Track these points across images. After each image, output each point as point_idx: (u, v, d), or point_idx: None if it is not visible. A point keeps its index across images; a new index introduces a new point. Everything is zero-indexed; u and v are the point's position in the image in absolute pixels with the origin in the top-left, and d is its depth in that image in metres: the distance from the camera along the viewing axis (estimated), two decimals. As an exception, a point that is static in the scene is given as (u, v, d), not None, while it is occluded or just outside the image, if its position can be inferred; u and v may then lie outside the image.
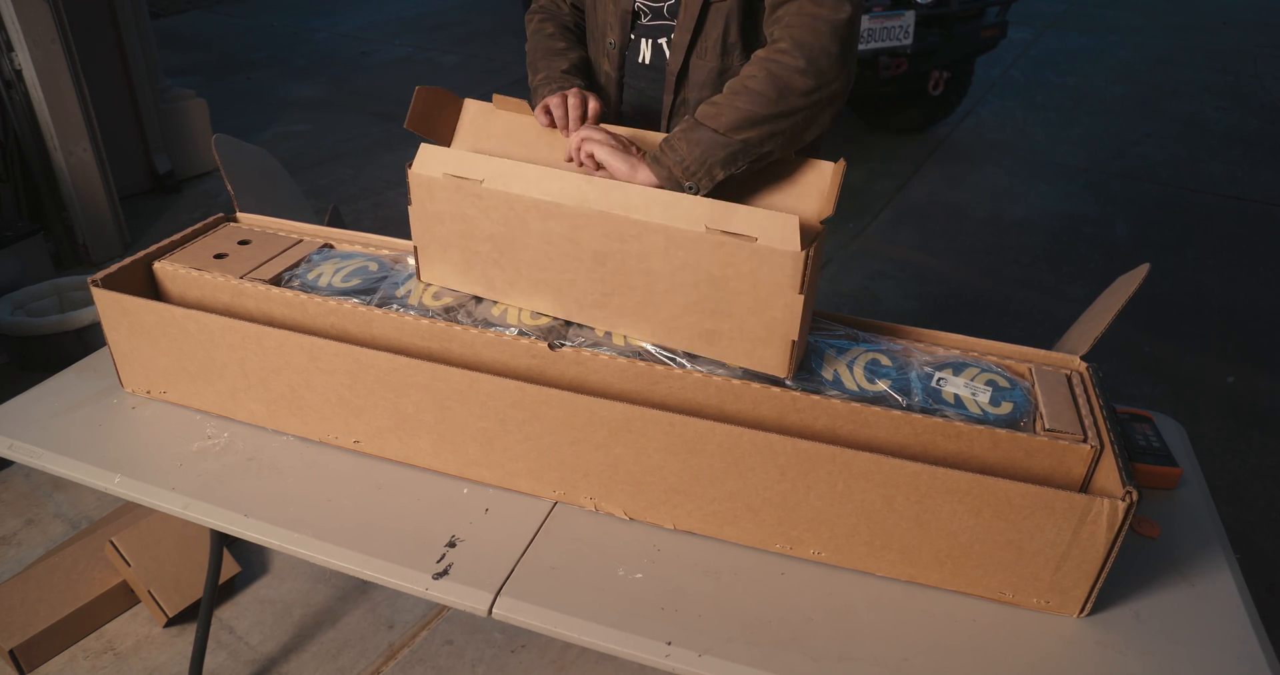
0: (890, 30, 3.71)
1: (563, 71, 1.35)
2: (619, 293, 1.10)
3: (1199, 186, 4.20)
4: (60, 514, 2.14)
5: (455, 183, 1.13)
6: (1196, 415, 2.60)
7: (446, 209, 1.15)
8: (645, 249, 1.05)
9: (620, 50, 1.37)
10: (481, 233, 1.14)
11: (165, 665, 1.78)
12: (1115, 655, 0.93)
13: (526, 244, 1.12)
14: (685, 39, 1.29)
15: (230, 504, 1.11)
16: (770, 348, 1.04)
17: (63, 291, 2.76)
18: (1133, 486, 0.88)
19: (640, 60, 1.37)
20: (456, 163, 1.13)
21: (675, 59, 1.31)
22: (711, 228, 1.00)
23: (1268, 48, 6.51)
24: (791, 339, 1.02)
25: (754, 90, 1.11)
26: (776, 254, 0.98)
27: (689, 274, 1.04)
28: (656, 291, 1.07)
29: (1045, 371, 1.10)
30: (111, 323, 1.24)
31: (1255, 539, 2.16)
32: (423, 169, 1.14)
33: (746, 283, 1.01)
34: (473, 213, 1.14)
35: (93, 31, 3.38)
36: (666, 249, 1.03)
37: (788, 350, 1.03)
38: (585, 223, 1.07)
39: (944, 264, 3.51)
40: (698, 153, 1.11)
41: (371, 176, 4.15)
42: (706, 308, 1.05)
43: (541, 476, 1.11)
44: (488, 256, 1.16)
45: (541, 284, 1.14)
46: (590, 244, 1.08)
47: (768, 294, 1.01)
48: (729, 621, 0.95)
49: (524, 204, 1.09)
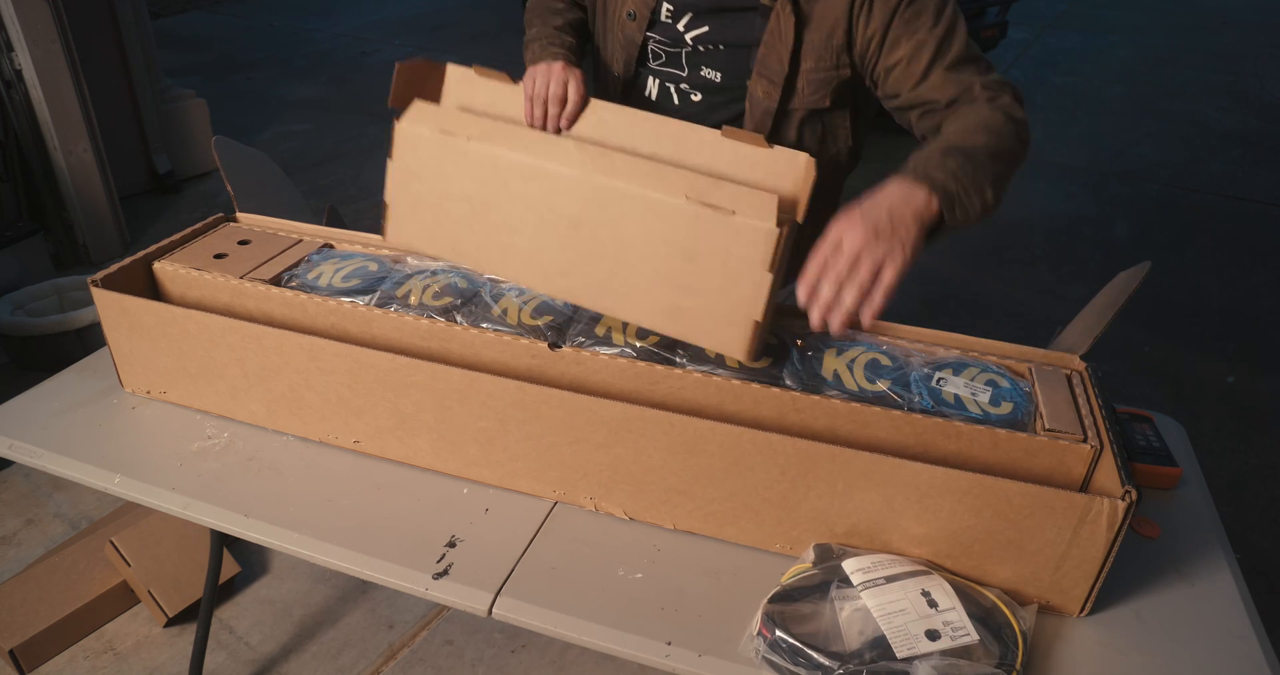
0: (890, 30, 3.71)
1: (555, 28, 1.29)
2: (589, 262, 1.07)
3: (1199, 186, 4.20)
4: (60, 514, 2.14)
5: (441, 139, 1.11)
6: (1196, 415, 2.60)
7: (427, 166, 1.13)
8: (622, 216, 1.03)
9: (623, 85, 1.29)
10: (458, 192, 1.12)
11: (165, 665, 1.78)
12: (1115, 655, 0.93)
13: (502, 206, 1.10)
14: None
15: (230, 504, 1.11)
16: (734, 328, 1.02)
17: (63, 291, 2.76)
18: (1132, 486, 0.88)
19: (648, 96, 1.29)
20: (447, 119, 1.11)
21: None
22: (691, 198, 0.99)
23: (1268, 48, 6.51)
24: (755, 319, 1.00)
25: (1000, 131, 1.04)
26: (751, 229, 0.96)
27: (662, 246, 1.02)
28: (627, 262, 1.05)
29: (1045, 371, 1.10)
30: (111, 323, 1.24)
31: (1255, 539, 2.16)
32: (411, 124, 1.13)
33: (718, 258, 1.00)
34: (453, 170, 1.11)
35: (93, 31, 3.38)
36: (643, 218, 1.02)
37: (751, 331, 1.01)
38: (565, 187, 1.05)
39: (944, 264, 3.51)
40: (970, 170, 1.00)
41: (371, 176, 4.15)
42: (676, 282, 1.03)
43: (541, 476, 1.11)
44: (460, 218, 1.13)
45: (511, 249, 1.12)
46: (567, 209, 1.06)
47: (737, 271, 0.99)
48: (729, 621, 0.95)
49: (507, 164, 1.08)
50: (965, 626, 0.88)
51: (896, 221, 0.94)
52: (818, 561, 0.98)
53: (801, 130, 1.20)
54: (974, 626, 0.88)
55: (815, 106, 1.18)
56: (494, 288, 1.24)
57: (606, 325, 1.15)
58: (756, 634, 0.91)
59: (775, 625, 0.89)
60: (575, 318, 1.17)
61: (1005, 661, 0.86)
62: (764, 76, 1.17)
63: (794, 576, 0.96)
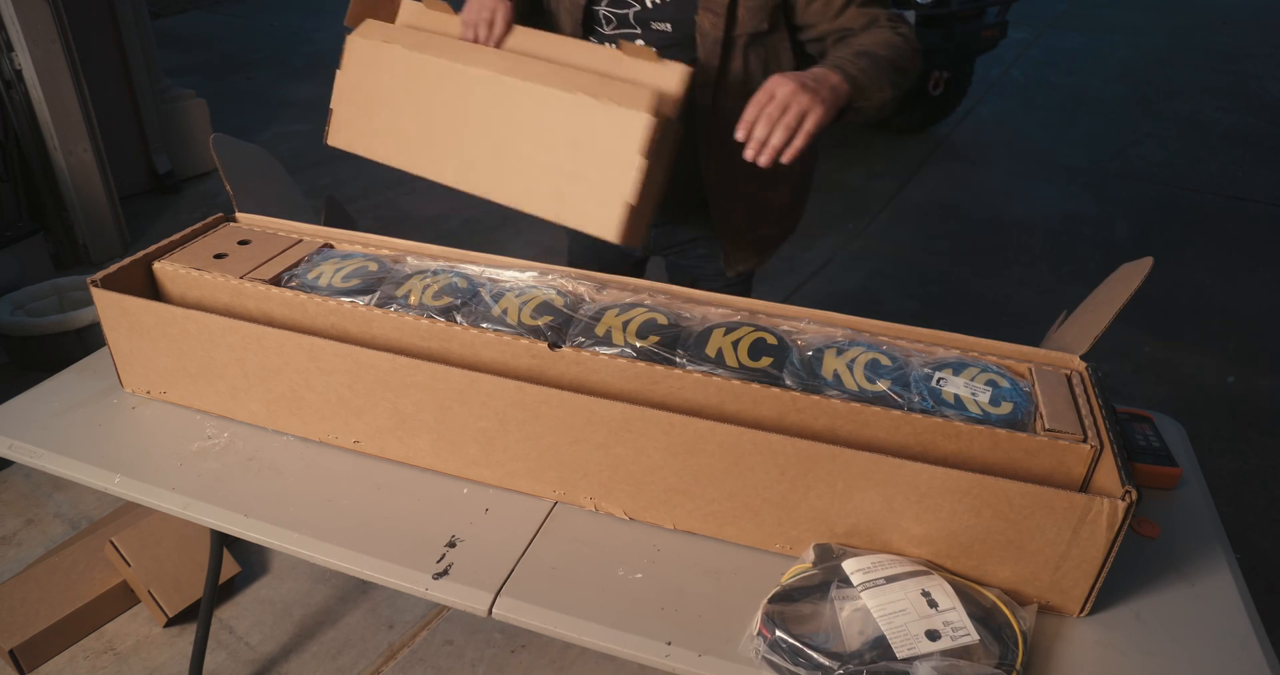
0: (890, 30, 3.71)
1: None
2: (494, 155, 1.20)
3: (1199, 186, 4.20)
4: (60, 514, 2.14)
5: (382, 48, 1.25)
6: (1196, 415, 2.60)
7: (369, 74, 1.26)
8: (521, 111, 1.15)
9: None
10: (392, 97, 1.26)
11: (165, 665, 1.78)
12: (1115, 655, 0.93)
13: (427, 108, 1.23)
14: (711, 77, 1.31)
15: (230, 504, 1.11)
16: (608, 210, 1.12)
17: (63, 291, 2.76)
18: (1132, 486, 0.88)
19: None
20: (391, 32, 1.25)
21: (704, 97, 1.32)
22: (579, 92, 1.11)
23: (1268, 48, 6.51)
24: (628, 201, 1.09)
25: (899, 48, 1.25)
26: (628, 117, 1.09)
27: (553, 135, 1.14)
28: (524, 153, 1.17)
29: (1045, 371, 1.10)
30: (111, 323, 1.24)
31: (1255, 539, 2.16)
32: (359, 37, 1.26)
33: (600, 145, 1.11)
34: (389, 78, 1.25)
35: (93, 31, 3.38)
36: (539, 110, 1.14)
37: (623, 211, 1.11)
38: (479, 86, 1.17)
39: (944, 264, 3.51)
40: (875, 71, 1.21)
41: (371, 176, 4.15)
42: (564, 170, 1.15)
43: (541, 476, 1.11)
44: (391, 120, 1.27)
45: (431, 146, 1.24)
46: (478, 107, 1.18)
47: (615, 156, 1.10)
48: (729, 621, 0.95)
49: (435, 69, 1.21)
50: (965, 626, 0.88)
51: (819, 84, 1.14)
52: (818, 561, 0.98)
53: (747, 55, 1.32)
54: (974, 626, 0.88)
55: (756, 30, 1.30)
56: (494, 287, 1.24)
57: (607, 325, 1.15)
58: (756, 634, 0.91)
59: (775, 625, 0.89)
60: (575, 318, 1.17)
61: (1005, 662, 0.86)
62: (708, 9, 1.29)
63: (794, 576, 0.96)
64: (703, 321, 1.17)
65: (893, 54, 1.24)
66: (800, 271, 3.45)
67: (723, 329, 1.14)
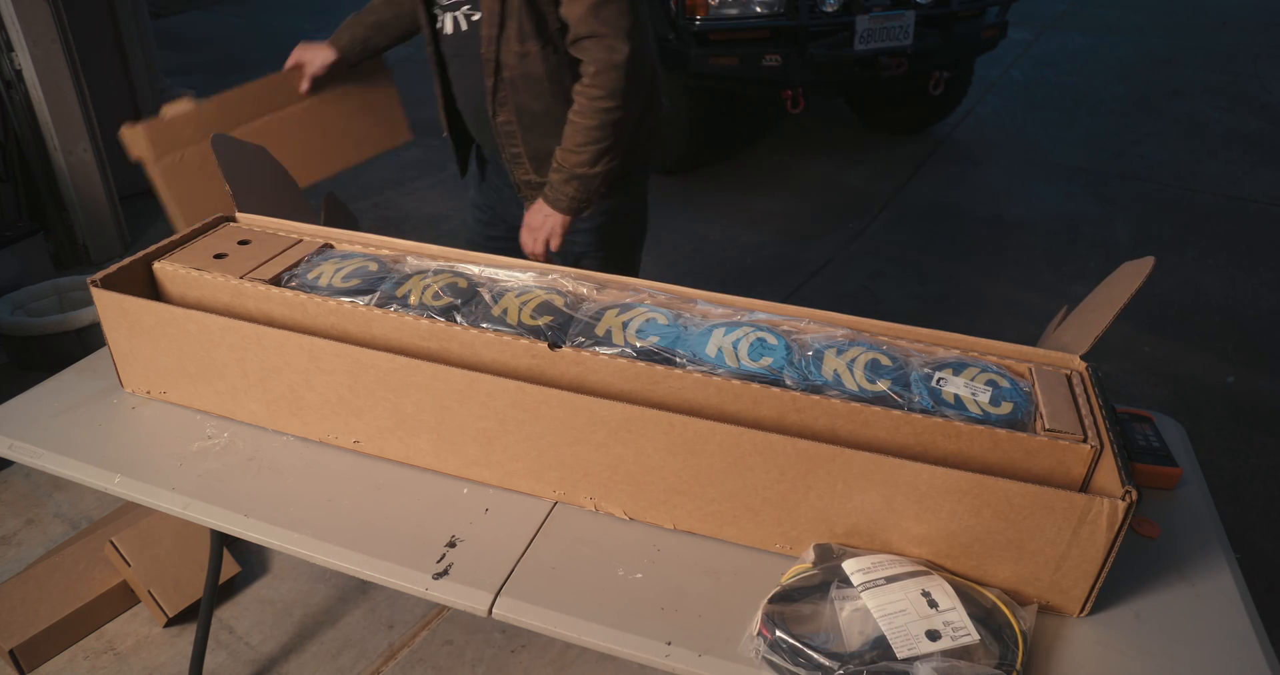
0: (890, 30, 3.71)
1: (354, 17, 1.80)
2: None
3: (1199, 186, 4.20)
4: (60, 514, 2.14)
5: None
6: (1196, 415, 2.60)
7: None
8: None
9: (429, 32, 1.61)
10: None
11: (165, 665, 1.78)
12: (1115, 655, 0.93)
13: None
14: (494, 32, 1.49)
15: (230, 504, 1.11)
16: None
17: (63, 291, 2.76)
18: (1132, 486, 0.88)
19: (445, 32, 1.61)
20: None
21: (489, 49, 1.52)
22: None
23: (1268, 48, 6.50)
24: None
25: (584, 126, 1.48)
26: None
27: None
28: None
29: (1045, 371, 1.10)
30: (111, 323, 1.24)
31: (1255, 539, 2.16)
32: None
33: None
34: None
35: (93, 31, 3.38)
36: None
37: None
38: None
39: (944, 264, 3.51)
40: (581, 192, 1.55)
41: (371, 176, 4.15)
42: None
43: (541, 476, 1.11)
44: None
45: None
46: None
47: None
48: (729, 621, 0.95)
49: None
50: (966, 626, 0.88)
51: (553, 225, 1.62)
52: (818, 561, 0.98)
53: (521, 17, 1.47)
54: (974, 626, 0.88)
55: None
56: (494, 287, 1.24)
57: (606, 325, 1.15)
58: (756, 634, 0.91)
59: (775, 625, 0.89)
60: (575, 318, 1.17)
61: (1005, 662, 0.86)
62: None
63: (794, 576, 0.96)
64: (703, 321, 1.17)
65: (593, 145, 1.49)
66: (800, 271, 3.45)
67: (723, 329, 1.15)
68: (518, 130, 1.60)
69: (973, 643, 0.87)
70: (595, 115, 1.46)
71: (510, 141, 1.63)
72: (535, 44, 1.48)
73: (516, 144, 1.63)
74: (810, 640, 0.87)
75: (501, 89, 1.54)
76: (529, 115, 1.57)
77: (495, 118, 1.59)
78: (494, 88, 1.54)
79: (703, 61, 3.60)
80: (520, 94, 1.54)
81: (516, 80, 1.52)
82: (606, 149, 1.49)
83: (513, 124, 1.59)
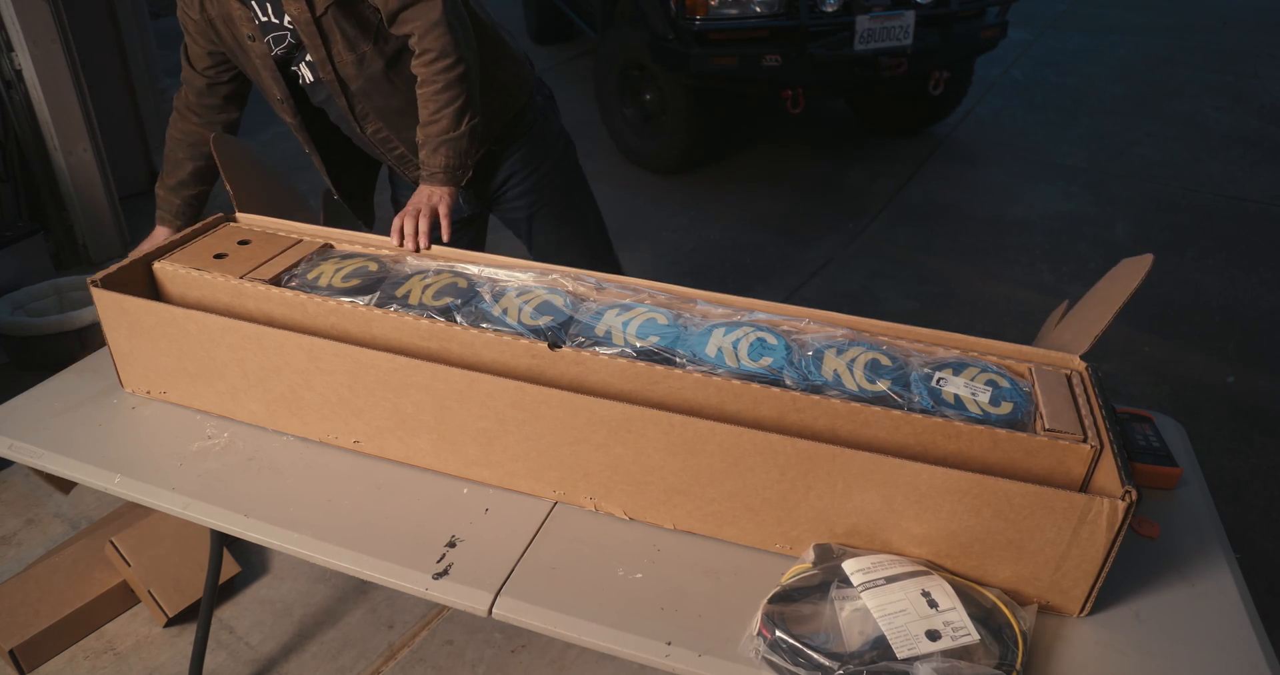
0: (890, 30, 3.70)
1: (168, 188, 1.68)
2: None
3: (1199, 186, 4.20)
4: (60, 514, 2.14)
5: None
6: (1196, 415, 2.60)
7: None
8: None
9: (291, 96, 1.57)
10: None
11: (165, 665, 1.78)
12: (1115, 655, 0.93)
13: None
14: (322, 55, 1.46)
15: (230, 504, 1.11)
16: None
17: (63, 291, 2.76)
18: (1132, 486, 0.88)
19: (307, 83, 1.57)
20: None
21: (327, 73, 1.49)
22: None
23: (1268, 48, 6.50)
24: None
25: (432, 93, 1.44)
26: None
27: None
28: None
29: (1045, 371, 1.10)
30: (111, 323, 1.24)
31: (1255, 539, 2.16)
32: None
33: None
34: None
35: (93, 31, 3.38)
36: None
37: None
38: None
39: (944, 264, 3.51)
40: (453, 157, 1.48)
41: (371, 176, 4.15)
42: None
43: (541, 476, 1.11)
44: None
45: None
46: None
47: None
48: (729, 621, 0.95)
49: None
50: (966, 626, 0.88)
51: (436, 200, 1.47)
52: (818, 562, 0.98)
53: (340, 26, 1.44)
54: (974, 626, 0.88)
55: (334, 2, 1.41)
56: (494, 287, 1.24)
57: (607, 325, 1.15)
58: (756, 634, 0.91)
59: (775, 625, 0.89)
60: (575, 318, 1.17)
61: (1005, 662, 0.86)
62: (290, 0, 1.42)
63: (794, 577, 0.96)
64: (703, 321, 1.17)
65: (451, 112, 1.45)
66: (800, 271, 3.45)
67: (722, 329, 1.15)
68: (389, 132, 1.59)
69: (973, 643, 0.87)
70: (437, 78, 1.43)
71: (389, 147, 1.62)
72: (367, 45, 1.47)
73: (395, 145, 1.61)
74: (810, 640, 0.87)
75: (357, 103, 1.54)
76: (392, 113, 1.55)
77: (366, 132, 1.59)
78: (349, 105, 1.53)
79: (703, 61, 3.60)
80: (374, 98, 1.53)
81: (365, 88, 1.50)
82: (463, 107, 1.45)
83: (383, 129, 1.58)
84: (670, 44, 3.68)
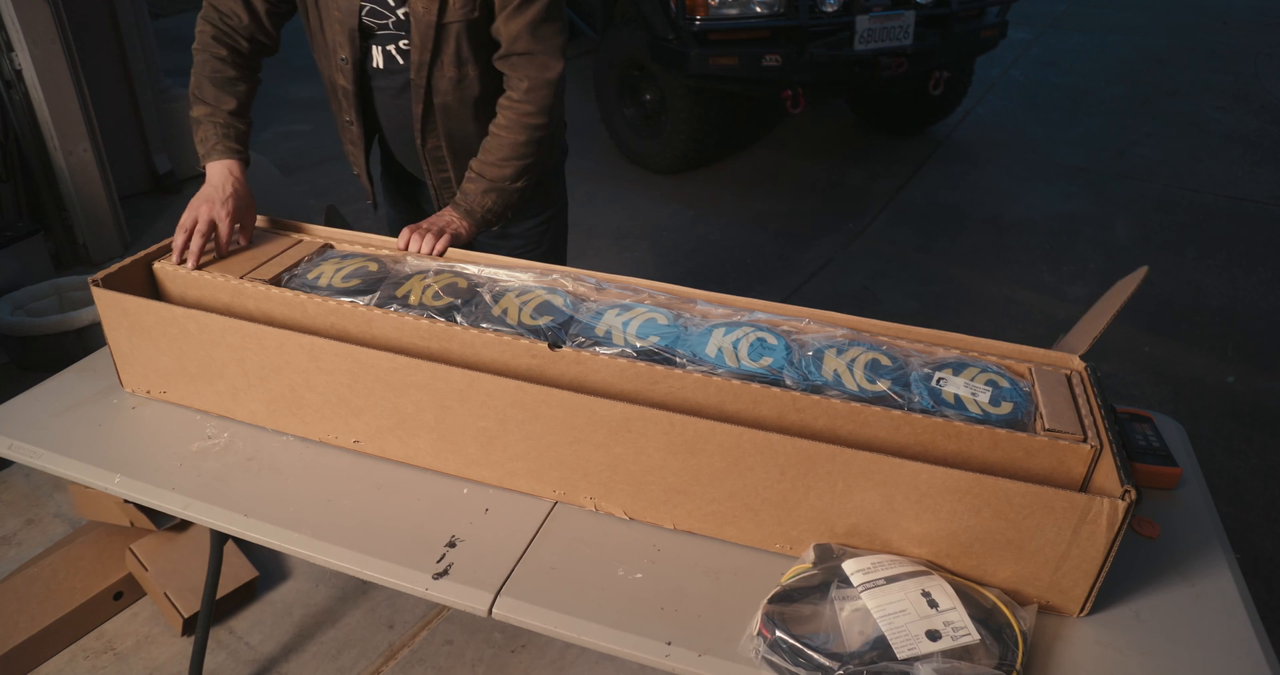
0: (890, 30, 3.71)
1: (229, 113, 1.46)
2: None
3: (1199, 186, 4.20)
4: (60, 514, 2.14)
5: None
6: (1196, 415, 2.60)
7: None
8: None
9: (354, 63, 1.50)
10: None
11: (165, 665, 1.78)
12: (1115, 655, 0.93)
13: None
14: (425, 58, 1.43)
15: (230, 504, 1.11)
16: None
17: (63, 291, 2.76)
18: (1132, 486, 0.88)
19: (375, 66, 1.51)
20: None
21: (419, 77, 1.45)
22: None
23: (1268, 48, 6.50)
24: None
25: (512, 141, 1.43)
26: None
27: None
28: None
29: (1045, 371, 1.10)
30: (111, 323, 1.24)
31: (1255, 539, 2.16)
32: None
33: None
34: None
35: (93, 31, 3.38)
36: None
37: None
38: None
39: (944, 264, 3.51)
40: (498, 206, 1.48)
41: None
42: None
43: (541, 476, 1.11)
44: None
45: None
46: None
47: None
48: (729, 621, 0.95)
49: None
50: (966, 626, 0.88)
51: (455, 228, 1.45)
52: (818, 562, 0.98)
53: (459, 41, 1.42)
54: (974, 626, 0.88)
55: (467, 18, 1.39)
56: (494, 287, 1.24)
57: (607, 325, 1.15)
58: (756, 634, 0.91)
59: (775, 625, 0.89)
60: (575, 318, 1.17)
61: (1005, 662, 0.86)
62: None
63: (794, 577, 0.96)
64: (703, 321, 1.17)
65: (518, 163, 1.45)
66: (800, 271, 3.45)
67: (722, 329, 1.15)
68: (446, 155, 1.57)
69: (973, 643, 0.87)
70: (524, 130, 1.43)
71: (439, 167, 1.59)
72: (475, 68, 1.45)
73: (445, 169, 1.59)
74: (810, 640, 0.87)
75: (431, 115, 1.51)
76: (459, 139, 1.54)
77: (424, 144, 1.55)
78: (423, 114, 1.50)
79: (703, 61, 3.60)
80: (452, 119, 1.51)
81: (449, 105, 1.48)
82: (529, 166, 1.46)
83: (441, 149, 1.56)
84: (670, 44, 3.69)
